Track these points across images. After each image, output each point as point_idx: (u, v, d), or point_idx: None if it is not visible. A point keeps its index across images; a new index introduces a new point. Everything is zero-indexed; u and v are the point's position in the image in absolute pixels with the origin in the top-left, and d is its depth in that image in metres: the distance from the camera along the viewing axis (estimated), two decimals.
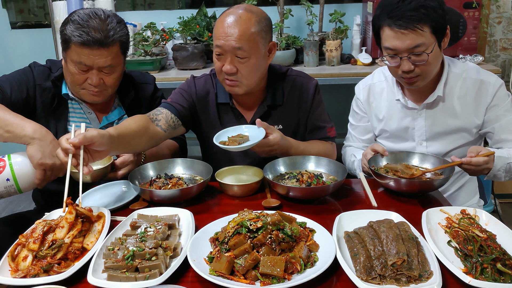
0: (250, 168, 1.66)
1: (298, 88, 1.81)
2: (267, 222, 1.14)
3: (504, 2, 3.42)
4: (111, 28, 1.61)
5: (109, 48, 1.61)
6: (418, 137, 1.78)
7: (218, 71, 1.68)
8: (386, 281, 1.04)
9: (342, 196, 1.53)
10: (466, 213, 1.31)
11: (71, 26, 1.58)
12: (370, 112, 1.88)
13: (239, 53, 1.60)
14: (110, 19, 1.62)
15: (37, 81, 1.74)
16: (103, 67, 1.63)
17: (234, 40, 1.57)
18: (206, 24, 3.25)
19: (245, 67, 1.62)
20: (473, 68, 1.73)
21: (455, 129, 1.73)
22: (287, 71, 1.83)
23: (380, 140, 1.89)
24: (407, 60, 1.57)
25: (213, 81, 1.82)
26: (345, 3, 3.45)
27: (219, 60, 1.65)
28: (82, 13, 1.61)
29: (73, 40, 1.57)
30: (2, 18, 3.67)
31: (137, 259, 1.09)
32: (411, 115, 1.77)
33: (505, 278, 1.04)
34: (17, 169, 1.45)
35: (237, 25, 1.58)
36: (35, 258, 1.13)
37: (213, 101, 1.80)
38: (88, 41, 1.56)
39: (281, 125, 1.80)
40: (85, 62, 1.61)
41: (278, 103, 1.79)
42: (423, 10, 1.51)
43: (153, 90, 1.94)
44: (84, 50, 1.58)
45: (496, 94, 1.67)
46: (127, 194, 1.55)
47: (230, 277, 1.06)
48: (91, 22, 1.58)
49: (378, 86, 1.85)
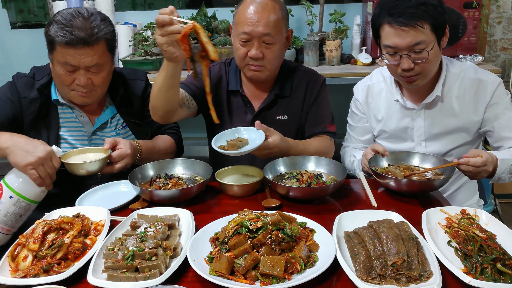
0: (250, 168, 1.66)
1: (305, 82, 1.88)
2: (267, 222, 1.14)
3: (504, 2, 3.42)
4: (95, 26, 1.58)
5: (94, 46, 1.58)
6: (417, 137, 1.78)
7: (242, 57, 1.73)
8: (386, 281, 1.04)
9: (342, 196, 1.53)
10: (466, 213, 1.31)
11: (55, 26, 1.56)
12: (369, 113, 1.88)
13: (267, 39, 1.68)
14: (94, 17, 1.60)
15: (21, 94, 1.70)
16: (89, 66, 1.60)
17: (263, 26, 1.66)
18: (206, 24, 3.25)
19: (270, 52, 1.71)
20: (471, 68, 1.73)
21: (454, 129, 1.73)
22: (297, 66, 1.92)
23: (379, 140, 1.89)
24: (407, 58, 1.57)
25: (226, 69, 1.90)
26: (345, 3, 3.45)
27: (244, 47, 1.71)
28: (65, 13, 1.59)
29: (57, 41, 1.55)
30: (2, 18, 3.67)
31: (137, 259, 1.09)
32: (410, 116, 1.77)
33: (505, 278, 1.04)
34: (12, 183, 1.45)
35: (264, 11, 1.66)
36: (35, 258, 1.13)
37: (224, 88, 1.87)
38: (72, 40, 1.54)
39: (286, 116, 1.86)
40: (71, 62, 1.58)
41: (285, 94, 1.85)
42: (423, 7, 1.51)
43: (145, 86, 1.91)
44: (69, 50, 1.56)
45: (495, 92, 1.67)
46: (127, 194, 1.55)
47: (230, 277, 1.06)
48: (75, 21, 1.56)
49: (376, 86, 1.85)
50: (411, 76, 1.62)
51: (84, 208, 1.39)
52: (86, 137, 1.79)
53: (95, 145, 1.77)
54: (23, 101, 1.70)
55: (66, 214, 1.29)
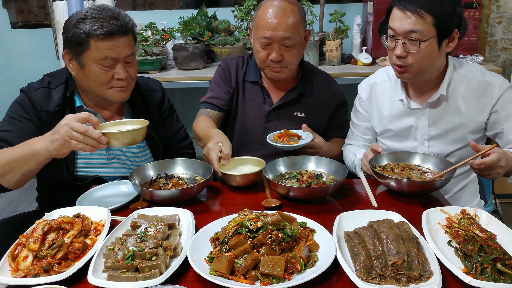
0: (251, 159, 1.68)
1: (327, 85, 1.98)
2: (267, 222, 1.14)
3: (504, 2, 3.41)
4: (124, 16, 1.59)
5: (129, 35, 1.59)
6: (420, 136, 1.77)
7: (262, 59, 1.81)
8: (386, 281, 1.04)
9: (342, 196, 1.53)
10: (466, 213, 1.31)
11: (87, 22, 1.51)
12: (372, 111, 1.88)
13: (287, 42, 1.74)
14: (118, 10, 1.60)
15: (41, 108, 1.61)
16: (127, 56, 1.59)
17: (283, 30, 1.72)
18: (207, 24, 3.25)
19: (290, 55, 1.78)
20: (478, 69, 1.71)
21: (457, 129, 1.72)
22: (315, 68, 2.05)
23: (382, 139, 1.89)
24: (401, 44, 1.58)
25: (246, 61, 1.98)
26: (345, 3, 3.45)
27: (264, 50, 1.78)
28: (88, 10, 1.56)
29: (96, 34, 1.50)
30: (2, 18, 3.67)
31: (137, 259, 1.09)
32: (413, 115, 1.77)
33: (505, 278, 1.04)
34: None
35: (284, 16, 1.72)
36: (35, 258, 1.13)
37: (240, 79, 1.95)
38: (113, 29, 1.52)
39: (304, 114, 1.94)
40: (111, 55, 1.55)
41: (306, 93, 1.94)
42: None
43: (161, 98, 1.88)
44: (107, 42, 1.53)
45: (503, 95, 1.65)
46: (127, 194, 1.55)
47: (230, 277, 1.06)
48: (105, 13, 1.54)
49: (380, 85, 1.85)
50: (401, 66, 1.62)
51: (85, 208, 1.39)
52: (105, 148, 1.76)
53: (113, 157, 1.75)
54: (43, 115, 1.62)
55: (67, 214, 1.29)
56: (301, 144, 1.69)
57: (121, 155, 1.77)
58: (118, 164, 1.78)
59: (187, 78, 2.93)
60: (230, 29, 3.14)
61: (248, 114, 1.94)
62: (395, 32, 1.59)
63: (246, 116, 1.95)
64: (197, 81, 2.91)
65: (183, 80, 2.93)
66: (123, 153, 1.77)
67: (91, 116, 1.35)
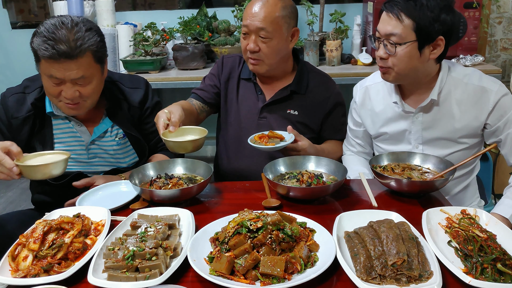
0: (198, 129, 1.63)
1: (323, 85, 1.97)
2: (267, 222, 1.14)
3: (504, 2, 3.41)
4: (78, 38, 1.49)
5: (77, 59, 1.49)
6: (414, 140, 1.76)
7: (243, 50, 1.85)
8: (386, 281, 1.04)
9: (342, 196, 1.53)
10: (466, 213, 1.31)
11: (38, 39, 1.48)
12: (365, 115, 1.87)
13: (262, 33, 1.77)
14: (78, 28, 1.51)
15: (12, 114, 1.64)
16: (75, 79, 1.52)
17: (258, 21, 1.75)
18: (207, 24, 3.25)
19: (266, 47, 1.79)
20: (476, 74, 1.68)
21: (452, 134, 1.70)
22: (313, 68, 2.04)
23: (377, 142, 1.89)
24: (383, 45, 1.60)
25: (242, 60, 2.01)
26: (345, 3, 3.45)
27: (245, 39, 1.83)
28: (49, 23, 1.50)
29: (40, 54, 1.48)
30: (3, 18, 3.67)
31: (137, 259, 1.09)
32: (408, 118, 1.75)
33: (505, 278, 1.04)
34: None
35: (263, 7, 1.76)
36: (35, 258, 1.13)
37: (236, 77, 1.99)
38: (54, 54, 1.45)
39: (297, 111, 1.94)
40: (56, 75, 1.50)
41: (301, 92, 1.94)
42: (412, 2, 1.52)
43: (144, 95, 1.83)
44: (53, 64, 1.48)
45: (499, 102, 1.62)
46: (127, 194, 1.55)
47: (230, 277, 1.06)
48: (57, 34, 1.47)
49: (375, 87, 1.84)
50: (382, 67, 1.64)
51: (85, 208, 1.39)
52: (84, 147, 1.75)
53: (93, 155, 1.76)
54: (14, 121, 1.65)
55: (67, 214, 1.29)
56: (278, 146, 1.64)
57: (102, 153, 1.78)
58: (101, 161, 1.79)
59: (187, 78, 2.93)
60: (230, 29, 3.14)
61: (242, 110, 1.97)
62: (379, 33, 1.61)
63: (240, 113, 1.98)
64: (197, 81, 2.89)
65: (183, 80, 2.93)
66: (104, 150, 1.78)
67: (12, 146, 1.39)
